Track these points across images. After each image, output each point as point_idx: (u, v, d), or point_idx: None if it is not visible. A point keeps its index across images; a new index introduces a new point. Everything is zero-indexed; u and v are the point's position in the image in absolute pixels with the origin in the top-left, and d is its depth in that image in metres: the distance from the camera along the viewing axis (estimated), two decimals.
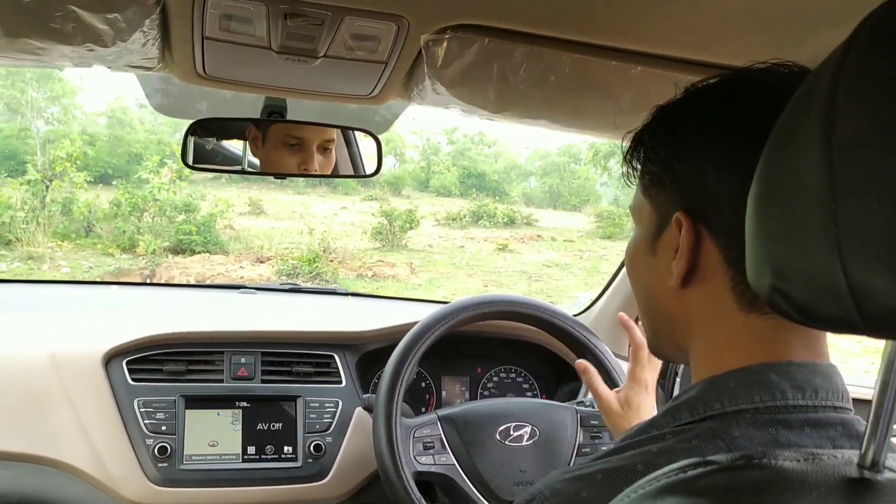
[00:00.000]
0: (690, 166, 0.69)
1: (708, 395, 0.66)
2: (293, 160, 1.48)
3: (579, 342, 1.56)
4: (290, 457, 1.53)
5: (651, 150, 0.74)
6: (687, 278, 0.70)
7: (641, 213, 0.78)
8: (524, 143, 21.82)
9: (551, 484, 0.68)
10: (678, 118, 0.73)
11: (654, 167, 0.73)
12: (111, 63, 1.06)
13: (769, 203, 0.52)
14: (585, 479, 0.66)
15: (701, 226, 0.68)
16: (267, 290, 2.21)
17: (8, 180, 12.08)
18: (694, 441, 0.63)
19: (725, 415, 0.64)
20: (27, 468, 1.42)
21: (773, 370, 0.65)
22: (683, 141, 0.70)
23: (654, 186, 0.74)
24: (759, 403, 0.63)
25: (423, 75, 1.08)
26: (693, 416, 0.66)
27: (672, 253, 0.71)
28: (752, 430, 0.62)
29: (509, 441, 1.44)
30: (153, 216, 11.33)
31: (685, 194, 0.70)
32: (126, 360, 1.53)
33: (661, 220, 0.73)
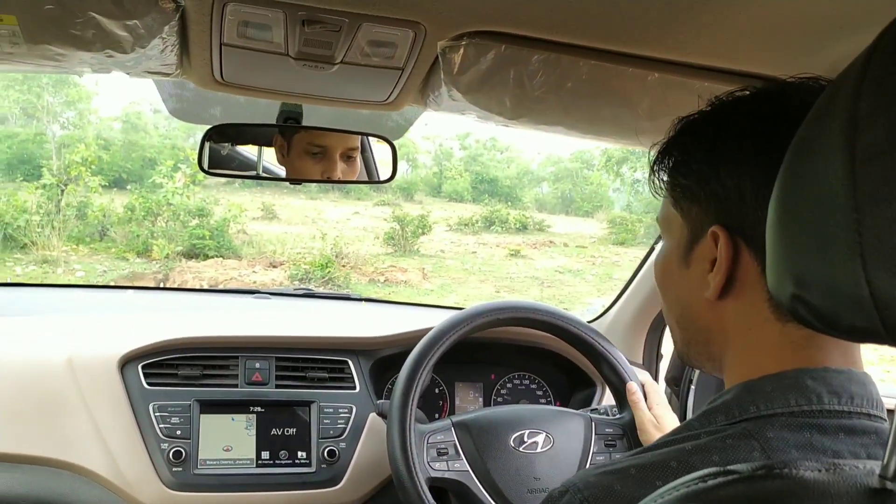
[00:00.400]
0: (728, 181, 0.69)
1: (743, 399, 0.67)
2: (316, 168, 1.49)
3: (594, 349, 1.55)
4: (304, 462, 1.53)
5: (682, 163, 0.75)
6: (724, 290, 0.70)
7: (671, 225, 0.78)
8: (537, 148, 21.82)
9: (585, 477, 0.68)
10: (711, 131, 0.73)
11: (685, 180, 0.74)
12: (130, 69, 1.07)
13: (791, 211, 0.52)
14: (619, 473, 0.66)
15: (739, 239, 0.69)
16: (281, 296, 2.21)
17: (24, 184, 12.19)
18: (728, 441, 0.64)
19: (760, 418, 0.64)
20: (44, 471, 1.43)
21: (810, 375, 0.65)
22: (719, 155, 0.70)
23: (685, 199, 0.74)
24: (795, 407, 0.64)
25: (439, 82, 1.09)
26: (728, 419, 0.66)
27: (707, 265, 0.72)
28: (787, 432, 0.63)
29: (523, 448, 1.44)
30: (167, 220, 11.38)
31: (722, 208, 0.70)
32: (141, 364, 1.53)
33: (693, 233, 0.74)
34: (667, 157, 0.77)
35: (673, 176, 0.76)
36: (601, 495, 0.66)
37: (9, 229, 10.29)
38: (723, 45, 0.97)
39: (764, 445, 0.62)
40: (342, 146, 1.50)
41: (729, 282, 0.70)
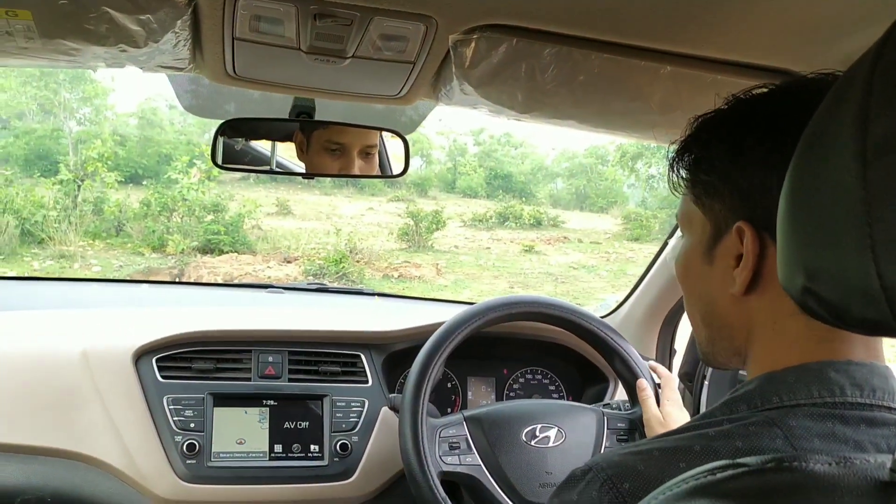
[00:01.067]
0: (754, 177, 0.69)
1: (766, 390, 0.67)
2: (335, 165, 1.50)
3: (606, 344, 1.55)
4: (316, 455, 1.53)
5: (704, 160, 0.75)
6: (750, 285, 0.71)
7: (692, 221, 0.78)
8: (551, 144, 21.74)
9: (609, 457, 0.69)
10: (734, 128, 0.73)
11: (707, 177, 0.74)
12: (143, 64, 1.08)
13: (802, 203, 0.52)
14: (643, 454, 0.67)
15: (765, 234, 0.69)
16: (294, 290, 2.22)
17: (41, 180, 12.28)
18: (751, 428, 0.64)
19: (783, 408, 0.65)
20: (59, 463, 1.44)
21: (833, 367, 0.65)
22: (743, 152, 0.70)
23: (708, 196, 0.74)
24: (818, 399, 0.64)
25: (450, 75, 1.09)
26: (751, 409, 0.67)
27: (731, 261, 0.72)
28: (809, 421, 0.63)
29: (535, 442, 1.44)
30: (182, 216, 11.44)
31: (748, 204, 0.70)
32: (156, 357, 1.54)
33: (717, 229, 0.74)
34: (686, 154, 0.77)
35: (694, 173, 0.76)
36: (625, 474, 0.66)
37: (26, 224, 10.38)
38: (736, 38, 0.97)
39: (787, 433, 0.62)
40: (360, 143, 1.50)
41: (754, 277, 0.70)
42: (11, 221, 10.11)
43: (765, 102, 0.73)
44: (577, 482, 0.69)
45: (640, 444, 0.69)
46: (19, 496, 1.41)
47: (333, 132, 1.48)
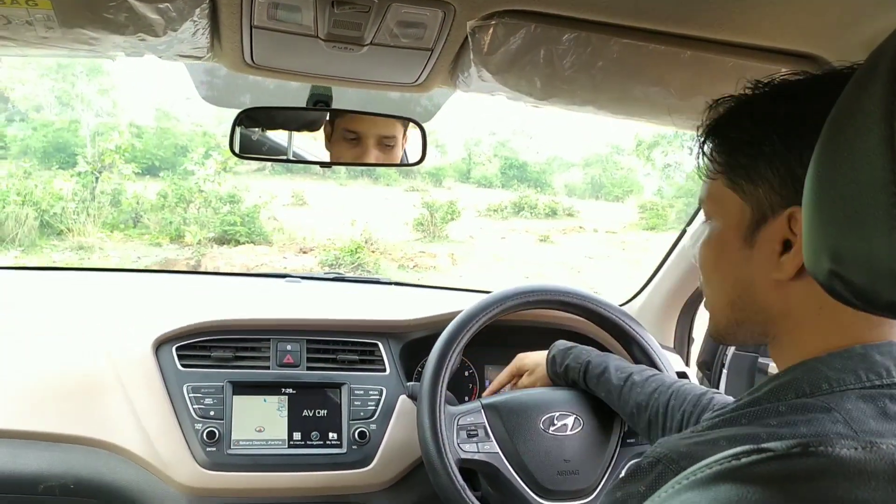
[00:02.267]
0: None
1: (813, 376, 0.66)
2: (351, 154, 1.51)
3: (625, 332, 1.55)
4: (335, 443, 1.54)
5: (745, 143, 0.74)
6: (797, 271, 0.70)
7: (724, 205, 0.77)
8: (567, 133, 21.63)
9: (674, 447, 0.67)
10: (787, 113, 0.71)
11: (750, 161, 0.73)
12: (162, 53, 1.08)
13: (828, 187, 0.51)
14: (710, 444, 0.65)
15: None
16: (311, 279, 2.23)
17: (59, 172, 12.39)
18: (811, 414, 0.63)
19: (833, 393, 0.64)
20: (81, 450, 1.46)
21: (877, 350, 0.66)
22: (799, 139, 0.69)
23: (749, 180, 0.73)
24: (867, 382, 0.64)
25: (468, 62, 1.08)
26: (799, 397, 0.66)
27: (777, 246, 0.71)
28: (863, 403, 0.63)
29: (553, 430, 1.43)
30: (199, 207, 11.51)
31: (801, 190, 0.69)
32: (175, 346, 1.56)
33: (759, 214, 0.73)
34: (718, 138, 0.76)
35: (730, 155, 0.75)
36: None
37: (46, 216, 10.49)
38: (757, 21, 0.95)
39: (846, 417, 0.61)
40: (375, 133, 1.50)
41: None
42: (31, 213, 10.22)
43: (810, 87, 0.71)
44: (646, 474, 0.67)
45: (700, 433, 0.67)
46: (42, 482, 1.43)
47: (349, 121, 1.48)
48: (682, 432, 0.70)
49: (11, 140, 14.36)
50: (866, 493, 0.49)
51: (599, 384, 1.41)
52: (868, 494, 0.48)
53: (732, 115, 0.76)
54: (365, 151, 1.51)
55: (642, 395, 1.31)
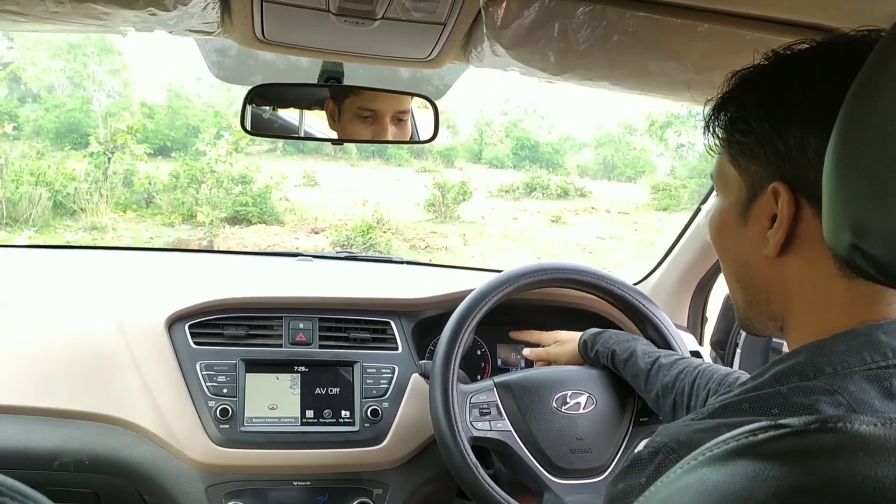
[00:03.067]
0: (791, 138, 0.67)
1: (817, 360, 0.66)
2: (367, 132, 1.49)
3: (639, 311, 1.54)
4: (347, 421, 1.54)
5: (740, 119, 0.73)
6: (784, 247, 0.70)
7: (727, 182, 0.77)
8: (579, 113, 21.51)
9: (674, 436, 0.66)
10: (772, 86, 0.71)
11: (744, 137, 0.73)
12: (172, 27, 1.07)
13: (848, 160, 0.50)
14: (710, 431, 0.64)
15: (801, 196, 0.68)
16: (323, 258, 2.23)
17: (72, 152, 12.44)
18: (813, 397, 0.62)
19: (836, 376, 0.63)
20: (96, 427, 1.47)
21: (881, 329, 0.64)
22: (782, 112, 0.69)
23: (743, 156, 0.73)
24: (871, 364, 0.63)
25: (481, 36, 1.07)
26: (802, 381, 0.65)
27: (766, 222, 0.71)
28: (867, 384, 0.62)
29: (566, 409, 1.43)
30: (211, 188, 11.53)
31: (784, 165, 0.69)
32: (188, 324, 1.56)
33: (752, 190, 0.73)
34: (722, 113, 0.76)
35: (730, 132, 0.75)
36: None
37: (59, 196, 10.54)
38: None
39: (849, 399, 0.61)
40: (392, 109, 1.49)
41: (789, 239, 0.69)
42: (44, 193, 10.27)
43: (806, 60, 0.71)
44: (646, 465, 0.67)
45: (699, 421, 0.67)
46: (58, 458, 1.44)
47: (365, 99, 1.47)
48: (683, 419, 0.70)
49: (24, 120, 14.42)
50: (885, 469, 0.48)
51: (627, 367, 1.41)
52: (887, 470, 0.48)
53: (734, 90, 0.75)
54: (382, 129, 1.50)
55: (668, 377, 1.31)
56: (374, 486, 1.54)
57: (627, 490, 0.68)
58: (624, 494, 0.68)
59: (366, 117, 1.48)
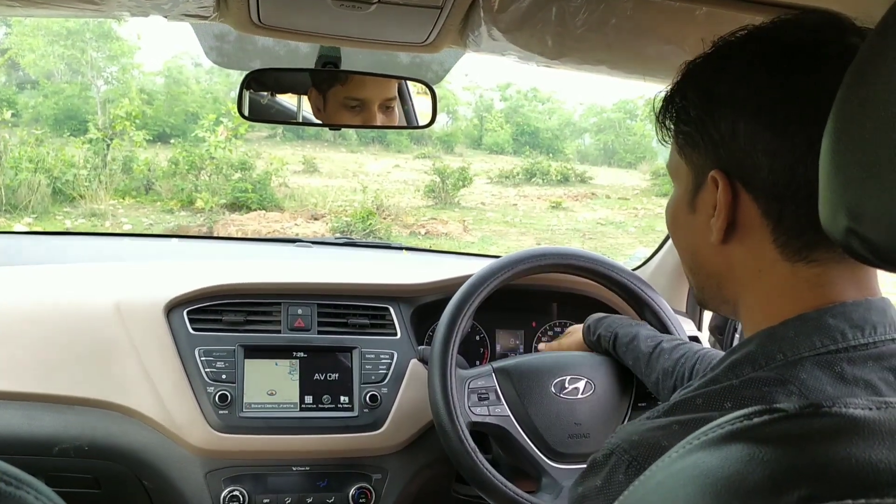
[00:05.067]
0: (724, 126, 0.69)
1: (768, 348, 0.66)
2: (355, 120, 1.49)
3: (637, 296, 1.54)
4: (346, 406, 1.55)
5: (682, 109, 0.75)
6: (727, 234, 0.71)
7: (678, 172, 0.78)
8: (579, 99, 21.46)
9: (627, 437, 0.67)
10: (708, 77, 0.72)
11: (686, 127, 0.74)
12: (167, 12, 1.06)
13: (846, 141, 0.50)
14: (663, 428, 0.65)
15: (738, 183, 0.69)
16: (322, 244, 2.22)
17: (71, 139, 12.40)
18: (765, 388, 0.63)
19: (788, 364, 0.64)
20: (96, 413, 1.47)
21: (829, 314, 0.65)
22: (715, 100, 0.70)
23: (688, 146, 0.74)
24: (821, 349, 0.64)
25: (479, 20, 1.06)
26: (755, 370, 0.66)
27: (711, 210, 0.72)
28: (818, 370, 0.63)
29: (564, 394, 1.44)
30: (210, 174, 11.51)
31: (720, 153, 0.70)
32: (187, 310, 1.56)
33: (697, 179, 0.74)
34: (670, 105, 0.77)
35: (676, 123, 0.76)
36: (648, 453, 0.64)
37: (58, 183, 10.52)
38: None
39: (801, 388, 0.62)
40: (380, 97, 1.48)
41: (731, 226, 0.70)
42: (43, 180, 10.24)
43: (738, 48, 0.72)
44: (601, 467, 0.68)
45: (653, 419, 0.68)
46: (58, 444, 1.44)
47: (352, 88, 1.46)
48: (640, 417, 0.70)
49: (23, 107, 14.38)
50: (881, 452, 0.48)
51: (628, 352, 1.41)
52: (882, 453, 0.48)
53: (680, 81, 0.76)
54: (371, 116, 1.49)
55: (669, 361, 1.32)
56: (373, 471, 1.55)
57: (585, 493, 0.69)
58: (582, 498, 0.69)
59: (353, 107, 1.47)
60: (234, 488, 1.46)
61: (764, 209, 0.67)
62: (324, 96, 1.47)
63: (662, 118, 0.78)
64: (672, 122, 0.76)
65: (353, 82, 1.44)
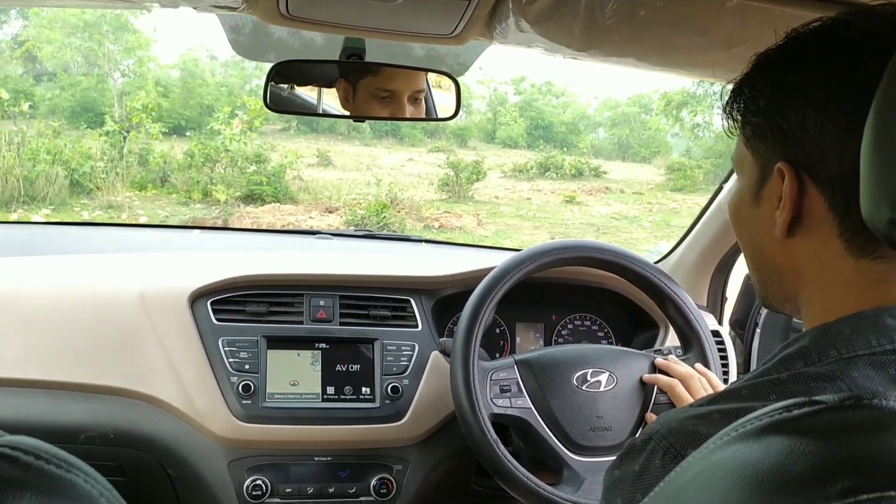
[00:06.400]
0: (793, 117, 0.67)
1: (822, 343, 0.65)
2: (384, 111, 1.49)
3: (660, 290, 1.53)
4: (367, 398, 1.55)
5: (751, 100, 0.73)
6: (792, 228, 0.70)
7: (743, 164, 0.77)
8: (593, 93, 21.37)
9: (667, 423, 0.67)
10: (779, 67, 0.71)
11: (755, 118, 0.73)
12: (196, 3, 1.07)
13: (888, 131, 0.50)
14: (702, 417, 0.65)
15: (804, 175, 0.67)
16: (342, 236, 2.23)
17: (88, 131, 12.48)
18: (812, 384, 0.62)
19: (841, 360, 0.63)
20: (121, 402, 1.49)
21: (888, 313, 0.64)
22: (785, 91, 0.69)
23: (755, 138, 0.73)
24: (877, 348, 0.62)
25: (507, 12, 1.06)
26: (807, 365, 0.65)
27: (776, 203, 0.71)
28: (871, 370, 0.61)
29: (586, 387, 1.43)
30: (225, 167, 11.55)
31: (787, 144, 0.69)
32: (210, 300, 1.57)
33: (763, 171, 0.73)
34: (739, 96, 0.76)
35: (744, 114, 0.75)
36: (686, 441, 0.64)
37: (75, 175, 10.58)
38: None
39: (850, 386, 0.61)
40: (409, 89, 1.48)
41: (796, 219, 0.69)
42: (61, 172, 10.32)
43: (811, 38, 0.70)
44: (639, 452, 0.68)
45: (697, 406, 0.67)
46: (83, 432, 1.46)
47: (383, 79, 1.46)
48: (684, 406, 0.70)
49: (40, 99, 14.46)
50: None
51: None
52: None
53: (750, 71, 0.75)
54: (400, 108, 1.49)
55: None
56: (395, 462, 1.55)
57: (622, 477, 0.69)
58: (619, 481, 0.69)
59: (383, 97, 1.47)
60: (257, 477, 1.48)
61: (830, 202, 0.66)
62: (353, 87, 1.47)
63: (730, 109, 0.77)
64: (740, 114, 0.75)
65: (385, 74, 1.44)
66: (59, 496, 0.39)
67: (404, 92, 1.47)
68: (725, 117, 0.78)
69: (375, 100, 1.48)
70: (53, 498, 0.38)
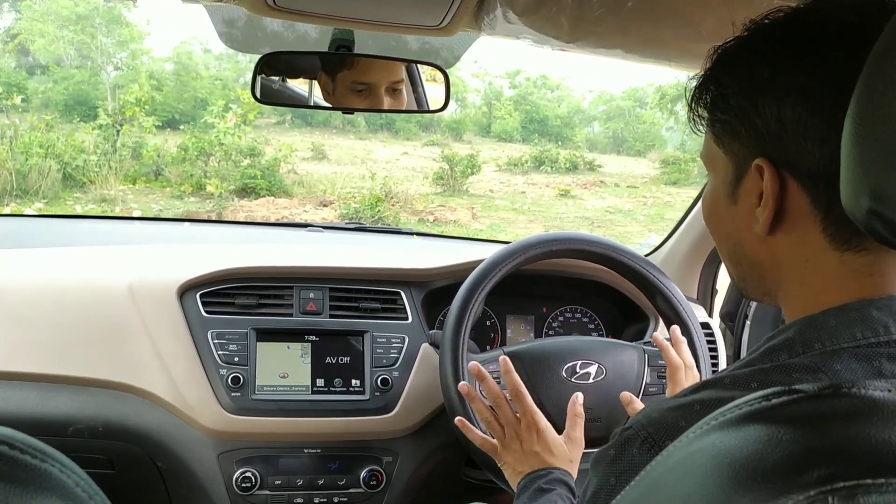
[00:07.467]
0: (768, 113, 0.66)
1: (807, 335, 0.65)
2: (363, 104, 1.48)
3: (649, 282, 1.53)
4: (357, 390, 1.55)
5: (719, 97, 0.72)
6: (774, 224, 0.68)
7: (715, 162, 0.76)
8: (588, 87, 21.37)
9: (648, 414, 0.67)
10: (744, 62, 0.69)
11: (724, 115, 0.71)
12: None
13: (870, 120, 0.50)
14: (683, 408, 0.65)
15: (784, 171, 0.66)
16: (333, 229, 2.23)
17: (81, 125, 12.44)
18: (794, 374, 0.62)
19: (826, 353, 0.63)
20: (109, 394, 1.48)
21: (874, 305, 0.63)
22: (756, 87, 0.67)
23: (727, 135, 0.72)
24: (862, 341, 0.62)
25: (494, 3, 1.05)
26: (791, 357, 0.64)
27: (755, 200, 0.69)
28: (854, 363, 0.61)
29: (575, 378, 1.44)
30: (219, 160, 11.53)
31: (765, 141, 0.67)
32: (200, 292, 1.57)
33: (738, 169, 0.71)
34: (704, 91, 0.74)
35: (712, 112, 0.73)
36: (664, 432, 0.64)
37: (68, 168, 10.55)
38: None
39: (832, 377, 0.60)
40: (386, 81, 1.48)
41: (778, 215, 0.68)
42: (53, 166, 10.28)
43: (777, 28, 0.68)
44: (618, 439, 0.68)
45: (679, 398, 0.67)
46: (72, 425, 1.46)
47: (358, 72, 1.46)
48: (669, 397, 0.70)
49: (33, 92, 14.42)
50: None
51: None
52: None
53: (713, 67, 0.73)
54: (378, 101, 1.49)
55: None
56: (384, 454, 1.56)
57: (598, 459, 0.69)
58: (595, 463, 0.69)
59: (360, 90, 1.47)
60: (247, 469, 1.48)
61: (813, 197, 0.65)
62: (333, 80, 1.47)
63: (695, 106, 0.75)
64: (706, 111, 0.74)
65: (360, 66, 1.44)
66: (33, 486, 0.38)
67: (381, 84, 1.47)
68: (690, 115, 0.76)
69: (353, 93, 1.47)
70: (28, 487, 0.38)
